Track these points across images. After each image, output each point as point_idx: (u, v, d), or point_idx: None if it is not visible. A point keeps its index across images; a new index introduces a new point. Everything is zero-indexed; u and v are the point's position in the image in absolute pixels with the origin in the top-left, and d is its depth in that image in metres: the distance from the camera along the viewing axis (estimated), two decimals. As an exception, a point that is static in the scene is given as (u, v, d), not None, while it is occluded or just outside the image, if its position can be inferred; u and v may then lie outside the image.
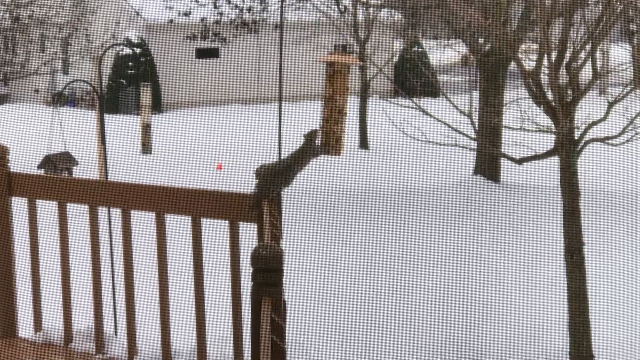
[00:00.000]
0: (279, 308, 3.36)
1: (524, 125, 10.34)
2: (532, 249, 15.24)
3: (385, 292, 13.69)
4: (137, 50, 34.93)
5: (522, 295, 13.63)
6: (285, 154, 5.08)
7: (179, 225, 6.06)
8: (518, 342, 12.33)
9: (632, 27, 16.75)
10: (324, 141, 5.04)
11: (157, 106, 34.31)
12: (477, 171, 20.31)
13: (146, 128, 26.04)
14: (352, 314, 12.93)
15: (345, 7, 24.37)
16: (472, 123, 10.63)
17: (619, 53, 19.36)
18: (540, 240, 15.40)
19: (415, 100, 10.80)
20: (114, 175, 14.02)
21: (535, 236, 15.76)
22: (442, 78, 29.21)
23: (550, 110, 10.12)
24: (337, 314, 12.87)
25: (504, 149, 16.71)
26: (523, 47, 11.75)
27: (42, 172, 14.65)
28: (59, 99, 29.16)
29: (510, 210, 17.44)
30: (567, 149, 10.16)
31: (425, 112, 10.61)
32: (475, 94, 17.52)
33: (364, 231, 16.07)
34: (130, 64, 35.43)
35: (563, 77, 10.04)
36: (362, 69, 23.47)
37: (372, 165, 22.71)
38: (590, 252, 11.38)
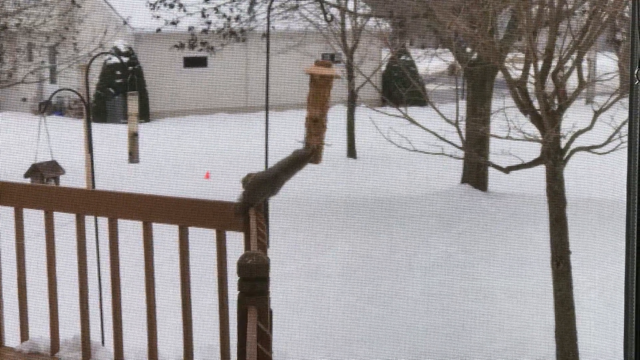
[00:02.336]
0: (266, 317, 3.36)
1: (511, 134, 10.37)
2: (518, 257, 15.26)
3: (372, 301, 13.69)
4: (125, 60, 34.89)
5: (509, 303, 13.64)
6: (272, 163, 5.07)
7: (166, 234, 6.06)
8: (504, 350, 12.33)
9: (618, 36, 16.82)
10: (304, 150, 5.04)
11: (145, 115, 34.24)
12: (464, 180, 20.32)
13: (133, 137, 25.98)
14: (339, 323, 12.92)
15: (332, 16, 24.39)
16: (459, 132, 10.65)
17: (605, 62, 19.44)
18: (526, 249, 15.42)
19: (403, 109, 10.82)
20: (101, 184, 13.98)
21: (521, 244, 15.78)
22: (430, 87, 29.29)
23: (536, 119, 10.15)
24: (323, 323, 12.86)
25: (491, 157, 16.79)
26: (509, 56, 11.79)
27: (28, 181, 14.61)
28: (46, 108, 29.10)
29: (497, 218, 17.46)
30: (554, 157, 10.18)
31: (412, 121, 10.64)
32: (462, 103, 17.54)
33: (350, 240, 16.06)
34: (118, 72, 35.37)
35: (549, 86, 10.07)
36: (350, 78, 23.49)
37: (359, 173, 22.71)
38: (577, 261, 11.41)
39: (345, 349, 12.31)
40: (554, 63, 9.97)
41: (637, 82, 3.17)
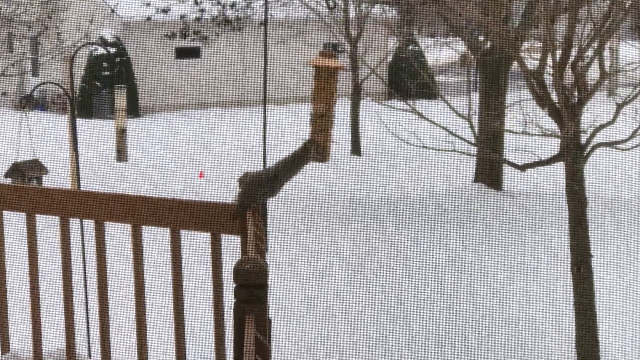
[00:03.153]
0: (264, 326, 3.36)
1: (527, 129, 10.35)
2: (536, 261, 15.27)
3: (378, 307, 13.70)
4: (112, 50, 34.90)
5: (526, 310, 13.65)
6: (270, 161, 5.08)
7: (156, 238, 6.06)
8: (521, 359, 12.35)
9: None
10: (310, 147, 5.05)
11: (134, 110, 34.27)
12: (477, 178, 20.34)
13: (121, 133, 25.94)
14: (342, 332, 12.94)
15: (335, 3, 24.40)
16: (471, 127, 10.65)
17: (629, 51, 19.45)
18: (545, 252, 15.43)
19: (411, 102, 10.82)
20: (87, 185, 14.02)
21: (539, 247, 15.79)
22: (440, 79, 29.31)
23: (554, 113, 10.14)
24: (325, 332, 12.87)
25: (506, 154, 16.80)
26: (526, 45, 11.78)
27: (9, 181, 14.64)
28: (28, 102, 29.11)
29: (512, 219, 17.47)
30: (573, 154, 10.17)
31: (421, 116, 10.63)
32: (475, 96, 17.57)
33: (355, 243, 16.08)
34: (105, 64, 35.40)
35: (568, 78, 10.06)
36: (354, 70, 23.48)
37: (364, 172, 22.73)
38: (599, 264, 11.41)
39: (349, 359, 12.32)
40: (574, 52, 9.96)
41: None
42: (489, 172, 20.08)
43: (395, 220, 17.33)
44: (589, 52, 10.12)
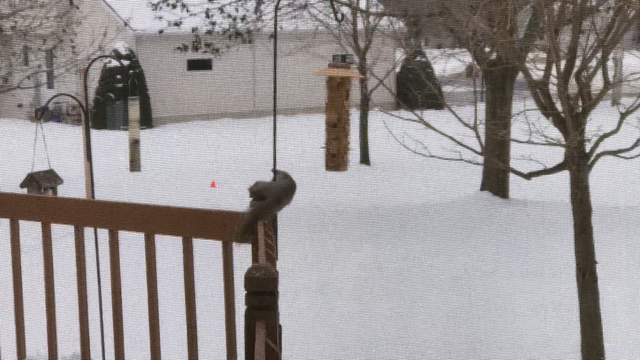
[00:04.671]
0: (274, 333, 3.36)
1: (532, 138, 10.35)
2: (542, 268, 15.24)
3: (387, 315, 13.68)
4: (126, 63, 34.98)
5: (532, 317, 13.61)
6: (279, 169, 5.07)
7: (169, 246, 6.07)
8: (528, 366, 12.31)
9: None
10: (326, 158, 5.07)
11: (147, 121, 34.33)
12: (484, 187, 20.31)
13: (134, 144, 26.04)
14: (352, 339, 12.92)
15: (343, 15, 24.39)
16: (478, 136, 10.65)
17: (632, 61, 19.42)
18: (550, 259, 15.39)
19: (418, 112, 10.82)
20: (101, 194, 14.03)
21: (545, 255, 15.75)
22: (447, 89, 29.27)
23: (559, 122, 10.14)
24: (336, 339, 12.85)
25: (512, 163, 16.77)
26: (530, 56, 11.78)
27: (25, 191, 14.66)
28: (43, 114, 29.18)
29: (518, 227, 17.43)
30: (578, 162, 10.17)
31: (428, 125, 10.63)
32: (481, 106, 17.56)
33: (365, 251, 16.06)
34: (119, 76, 35.48)
35: (573, 87, 10.06)
36: (362, 81, 23.49)
37: (373, 181, 22.72)
38: (604, 272, 11.38)
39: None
40: (578, 63, 9.95)
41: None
42: (496, 180, 20.05)
43: (403, 228, 17.31)
44: (593, 63, 10.12)
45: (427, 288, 14.54)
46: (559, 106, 10.12)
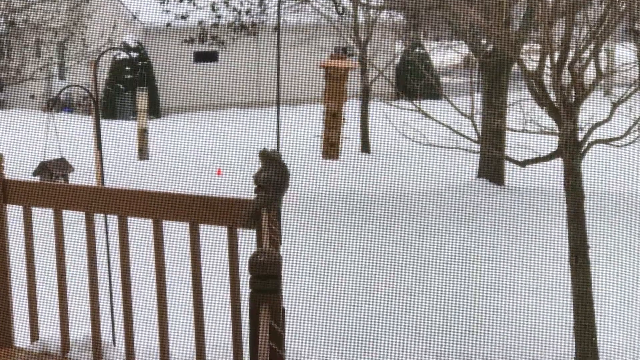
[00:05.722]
0: (278, 315, 3.37)
1: (527, 127, 10.34)
2: (536, 252, 15.25)
3: (387, 297, 13.70)
4: (134, 55, 34.95)
5: (527, 299, 13.63)
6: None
7: (176, 232, 6.07)
8: (523, 347, 12.33)
9: (637, 26, 16.77)
10: (323, 147, 5.08)
11: (155, 111, 34.31)
12: (480, 174, 20.30)
13: (143, 133, 25.99)
14: (353, 321, 12.94)
15: (344, 9, 24.37)
16: (474, 125, 10.64)
17: (624, 53, 19.41)
18: (544, 244, 15.40)
19: (417, 102, 10.81)
20: (111, 182, 14.05)
21: (539, 239, 15.76)
22: (444, 80, 29.23)
23: (553, 112, 10.12)
24: (337, 321, 12.87)
25: (507, 151, 16.75)
26: (525, 47, 11.76)
27: (37, 179, 14.65)
28: (55, 105, 29.16)
29: (514, 213, 17.44)
30: (571, 150, 10.16)
31: (426, 115, 10.62)
32: (478, 96, 17.53)
33: (365, 236, 16.07)
34: (128, 68, 35.47)
35: (566, 78, 10.05)
36: (363, 72, 23.47)
37: (373, 169, 22.72)
38: (596, 256, 11.38)
39: (360, 348, 12.32)
40: (571, 54, 9.93)
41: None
42: (492, 168, 20.03)
43: (402, 215, 17.32)
44: (586, 54, 10.10)
45: (425, 271, 14.56)
46: (552, 96, 10.11)
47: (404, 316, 13.11)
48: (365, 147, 26.68)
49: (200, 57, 36.85)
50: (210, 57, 36.38)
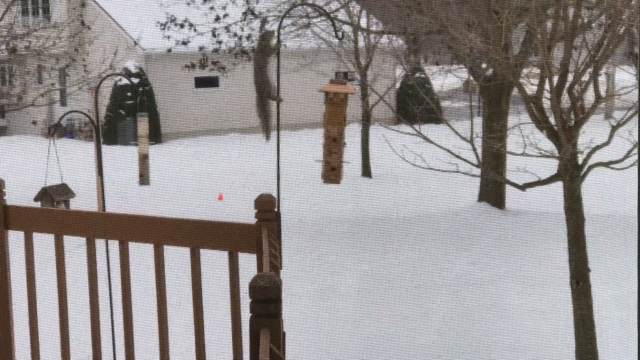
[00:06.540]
0: (278, 339, 3.37)
1: (527, 150, 10.37)
2: (538, 275, 15.23)
3: (388, 322, 13.68)
4: (135, 81, 35.05)
5: (529, 322, 13.61)
6: (284, 183, 5.10)
7: (177, 256, 6.08)
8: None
9: (636, 49, 16.81)
10: (323, 171, 5.11)
11: (156, 136, 34.38)
12: (481, 197, 20.32)
13: (144, 159, 26.02)
14: (354, 345, 12.91)
15: (344, 34, 24.45)
16: (474, 149, 10.66)
17: (624, 76, 19.44)
18: (546, 267, 15.39)
19: (417, 127, 10.84)
20: (112, 207, 14.04)
21: (540, 262, 15.75)
22: (445, 104, 29.30)
23: (553, 135, 10.15)
24: (338, 345, 12.85)
25: (508, 174, 16.78)
26: (525, 71, 11.81)
27: (38, 204, 14.66)
28: (56, 130, 29.22)
29: (515, 236, 17.43)
30: (571, 173, 10.18)
31: (426, 139, 10.65)
32: (478, 120, 17.58)
33: (366, 260, 16.07)
34: (129, 94, 35.55)
35: (566, 102, 10.08)
36: (364, 96, 23.54)
37: (374, 193, 22.72)
38: (597, 279, 11.38)
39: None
40: (570, 78, 9.97)
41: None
42: (492, 191, 20.05)
43: (403, 238, 17.32)
44: (585, 78, 10.13)
45: (427, 295, 14.54)
46: (552, 120, 10.14)
47: (404, 340, 13.08)
48: (367, 171, 26.69)
49: (201, 82, 36.95)
50: (211, 82, 36.48)
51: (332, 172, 5.07)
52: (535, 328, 13.44)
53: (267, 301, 3.35)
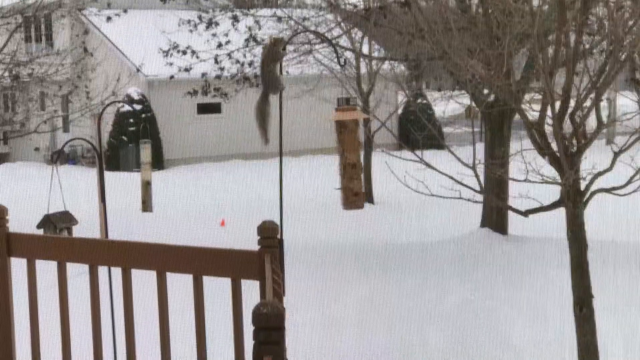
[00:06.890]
0: (281, 366, 3.37)
1: (529, 176, 10.36)
2: (540, 302, 15.19)
3: (390, 350, 13.63)
4: (138, 107, 35.15)
5: (531, 350, 13.56)
6: (287, 209, 5.11)
7: (180, 283, 6.08)
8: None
9: (638, 75, 16.86)
10: (344, 198, 5.15)
11: (158, 163, 34.42)
12: (484, 224, 20.31)
13: (147, 185, 26.08)
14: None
15: (346, 60, 24.54)
16: (477, 175, 10.66)
17: (626, 102, 19.48)
18: (549, 293, 15.35)
19: (419, 153, 10.84)
20: (114, 234, 14.03)
21: (543, 289, 15.71)
22: (447, 130, 29.35)
23: (555, 161, 10.15)
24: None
25: (510, 201, 16.78)
26: (527, 97, 11.82)
27: (41, 231, 14.66)
28: (59, 157, 29.27)
29: (518, 262, 17.41)
30: (573, 200, 10.17)
31: (428, 166, 10.65)
32: (480, 146, 17.59)
33: (368, 288, 16.03)
34: (131, 120, 35.64)
35: (568, 128, 10.08)
36: (366, 122, 23.59)
37: (376, 219, 22.72)
38: (600, 305, 11.35)
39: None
40: (572, 104, 9.98)
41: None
42: (495, 217, 20.04)
43: (406, 266, 17.30)
44: (587, 103, 10.14)
45: (430, 322, 14.50)
46: (554, 146, 10.14)
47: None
48: (369, 197, 26.69)
49: (204, 109, 37.04)
50: (214, 108, 36.57)
51: (355, 198, 5.11)
52: (538, 355, 13.39)
53: (270, 329, 3.36)
